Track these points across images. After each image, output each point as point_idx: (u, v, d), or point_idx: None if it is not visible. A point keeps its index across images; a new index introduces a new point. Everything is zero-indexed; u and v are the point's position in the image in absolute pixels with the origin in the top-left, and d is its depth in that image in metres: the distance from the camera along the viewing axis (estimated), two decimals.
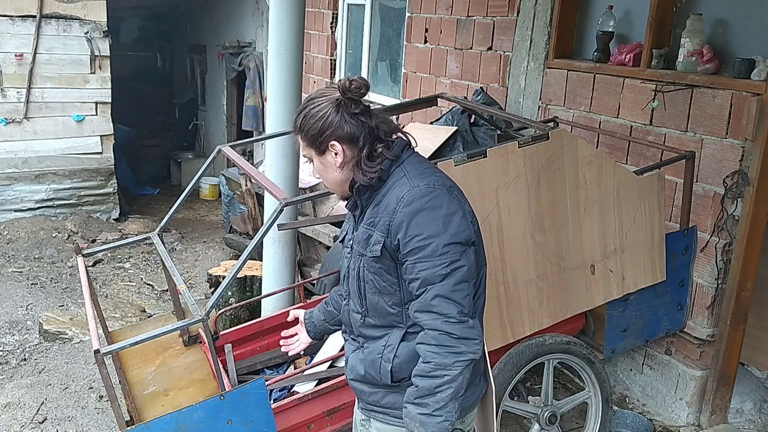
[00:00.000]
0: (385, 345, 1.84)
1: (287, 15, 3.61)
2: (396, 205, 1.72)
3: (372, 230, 1.77)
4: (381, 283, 1.80)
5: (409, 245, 1.70)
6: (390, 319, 1.83)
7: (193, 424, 2.22)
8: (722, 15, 3.35)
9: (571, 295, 2.86)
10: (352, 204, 1.87)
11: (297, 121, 1.81)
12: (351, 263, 1.89)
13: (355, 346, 1.96)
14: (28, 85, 6.76)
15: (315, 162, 1.84)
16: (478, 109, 4.08)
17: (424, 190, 1.71)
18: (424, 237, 1.68)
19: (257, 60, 8.17)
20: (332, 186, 1.87)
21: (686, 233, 3.27)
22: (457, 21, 4.94)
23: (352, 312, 1.92)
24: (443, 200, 1.72)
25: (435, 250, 1.68)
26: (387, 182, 1.78)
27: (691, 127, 3.36)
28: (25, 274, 5.75)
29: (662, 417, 3.62)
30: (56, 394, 3.86)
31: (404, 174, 1.77)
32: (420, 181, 1.73)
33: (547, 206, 2.70)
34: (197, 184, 3.50)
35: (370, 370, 1.87)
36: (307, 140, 1.80)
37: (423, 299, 1.70)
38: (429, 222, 1.69)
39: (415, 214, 1.69)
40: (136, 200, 8.44)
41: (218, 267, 5.04)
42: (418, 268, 1.69)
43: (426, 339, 1.71)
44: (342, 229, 2.03)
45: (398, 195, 1.73)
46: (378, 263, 1.77)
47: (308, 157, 1.85)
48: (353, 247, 1.87)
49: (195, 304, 2.28)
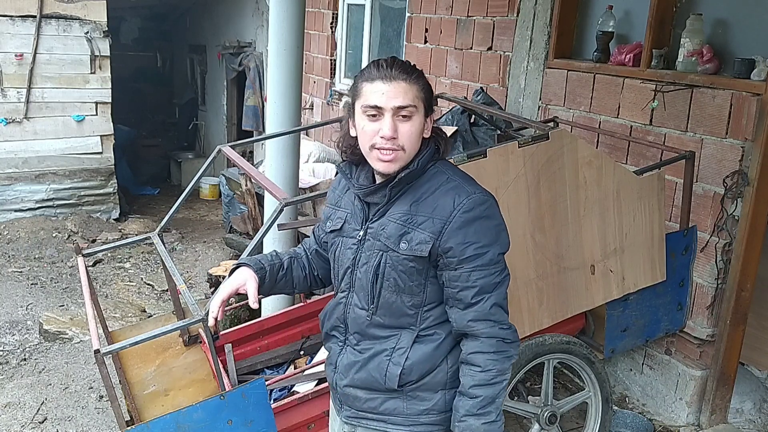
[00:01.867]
0: (394, 347, 1.78)
1: (287, 15, 3.61)
2: (453, 210, 1.68)
3: (411, 228, 1.70)
4: (407, 282, 1.74)
5: (466, 252, 1.67)
6: (403, 320, 1.77)
7: (193, 424, 2.22)
8: (722, 15, 3.35)
9: (571, 295, 2.86)
10: (372, 190, 1.75)
11: (414, 69, 1.70)
12: (361, 256, 1.78)
13: (341, 347, 1.87)
14: (28, 85, 6.76)
15: (415, 120, 1.68)
16: (478, 109, 4.08)
17: (481, 198, 1.70)
18: (481, 245, 1.68)
19: (257, 60, 8.17)
20: (410, 152, 1.69)
21: (686, 233, 3.27)
22: (457, 21, 4.94)
23: (352, 307, 1.82)
24: (495, 210, 1.73)
25: (492, 259, 1.69)
26: (424, 179, 1.73)
27: (691, 127, 3.36)
28: (25, 274, 5.75)
29: (662, 417, 3.62)
30: (56, 394, 3.86)
31: (448, 177, 1.73)
32: (475, 189, 1.72)
33: (547, 206, 2.70)
34: (197, 184, 3.50)
35: (373, 373, 1.79)
36: (426, 94, 1.71)
37: (481, 308, 1.69)
38: (485, 231, 1.69)
39: (474, 221, 1.68)
40: (136, 200, 8.44)
41: (218, 267, 5.04)
42: (475, 277, 1.68)
43: (483, 347, 1.70)
44: (330, 216, 1.90)
45: (455, 199, 1.68)
46: (413, 262, 1.71)
47: (409, 112, 1.66)
48: (366, 239, 1.77)
49: (195, 304, 2.28)
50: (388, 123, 1.65)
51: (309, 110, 7.25)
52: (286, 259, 1.99)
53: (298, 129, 3.68)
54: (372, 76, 1.68)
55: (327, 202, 1.95)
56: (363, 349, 1.82)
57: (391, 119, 1.65)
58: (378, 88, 1.66)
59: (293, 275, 1.99)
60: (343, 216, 1.85)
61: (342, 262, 1.84)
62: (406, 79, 1.67)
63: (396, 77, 1.66)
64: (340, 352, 1.87)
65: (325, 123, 4.00)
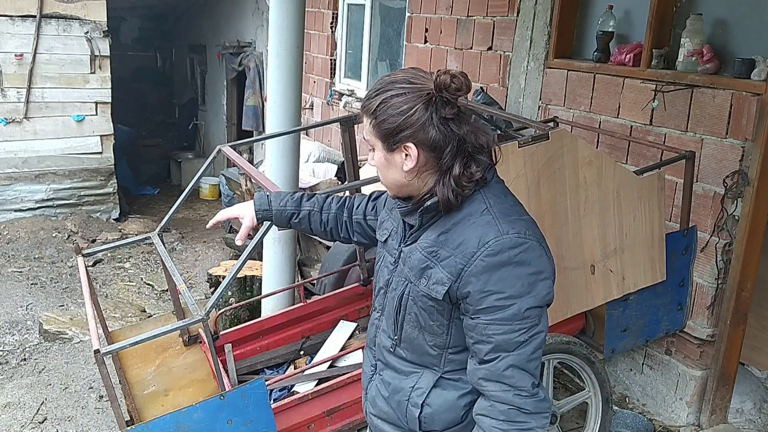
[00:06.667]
0: (413, 387, 1.61)
1: (287, 15, 3.60)
2: (477, 250, 1.44)
3: (433, 263, 1.50)
4: (428, 321, 1.55)
5: (484, 302, 1.43)
6: (425, 359, 1.59)
7: (193, 424, 2.22)
8: (722, 15, 3.35)
9: (571, 295, 2.86)
10: (407, 210, 1.57)
11: (371, 102, 1.49)
12: (393, 281, 1.62)
13: (372, 371, 1.74)
14: (28, 85, 6.77)
15: (377, 154, 1.53)
16: (478, 109, 4.07)
17: (514, 240, 1.43)
18: (505, 296, 1.42)
19: (257, 60, 8.17)
20: (388, 184, 1.57)
21: (686, 233, 3.27)
22: (457, 21, 4.94)
23: (381, 332, 1.69)
24: (533, 255, 1.45)
25: (516, 314, 1.42)
26: (463, 208, 1.50)
27: (691, 127, 3.36)
28: (25, 274, 5.75)
29: (662, 417, 3.62)
30: (56, 394, 3.86)
31: (487, 207, 1.48)
32: (510, 228, 1.45)
33: (547, 206, 2.70)
34: (197, 184, 3.50)
35: (396, 411, 1.64)
36: (378, 131, 1.49)
37: (494, 367, 1.45)
38: (513, 280, 1.42)
39: (499, 267, 1.42)
40: (136, 200, 8.44)
41: (218, 267, 5.04)
42: (492, 331, 1.44)
43: (492, 412, 1.47)
44: (383, 223, 1.73)
45: (482, 238, 1.44)
46: (432, 301, 1.52)
47: (371, 144, 1.53)
48: (399, 263, 1.60)
49: (195, 304, 2.27)
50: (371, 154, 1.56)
51: (309, 110, 7.25)
52: (306, 210, 1.90)
53: (298, 129, 3.67)
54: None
55: (386, 204, 1.79)
56: (386, 380, 1.68)
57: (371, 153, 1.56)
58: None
59: (311, 226, 1.92)
60: (390, 228, 1.69)
61: (379, 280, 1.70)
62: (366, 111, 1.51)
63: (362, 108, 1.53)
64: (371, 378, 1.75)
65: (325, 123, 3.99)
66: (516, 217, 1.49)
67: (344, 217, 1.90)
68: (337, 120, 3.36)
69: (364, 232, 1.90)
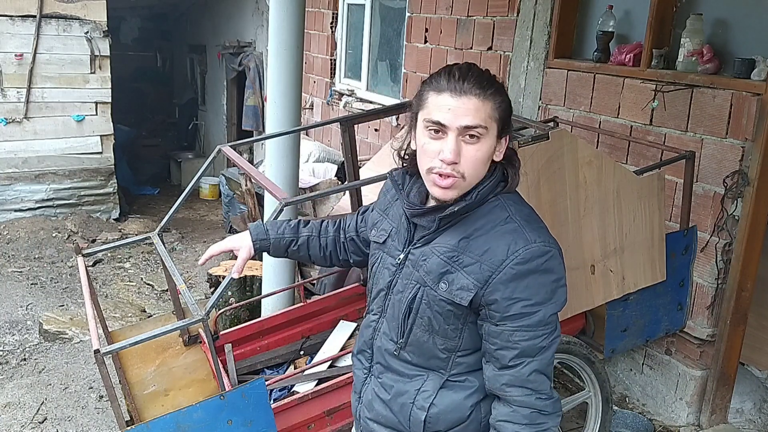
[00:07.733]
0: (418, 390, 1.60)
1: (287, 15, 3.60)
2: (506, 258, 1.45)
3: (455, 268, 1.50)
4: (442, 325, 1.54)
5: (512, 309, 1.46)
6: (433, 362, 1.59)
7: (193, 424, 2.22)
8: (722, 15, 3.35)
9: (571, 295, 2.83)
10: (420, 212, 1.55)
11: (492, 82, 1.45)
12: (398, 283, 1.60)
13: (365, 375, 1.71)
14: (28, 85, 6.77)
15: (486, 142, 1.45)
16: None
17: (541, 249, 1.47)
18: (532, 303, 1.46)
19: (257, 60, 8.17)
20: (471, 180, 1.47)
21: (686, 233, 3.27)
22: (457, 21, 4.94)
23: (381, 335, 1.66)
24: (555, 263, 1.50)
25: (541, 320, 1.47)
26: (481, 212, 1.50)
27: (691, 127, 3.36)
28: (25, 274, 5.75)
29: (662, 417, 3.62)
30: (56, 394, 3.86)
31: (510, 215, 1.50)
32: (537, 236, 1.48)
33: (548, 206, 2.70)
34: (197, 184, 3.50)
35: (398, 415, 1.63)
36: (500, 112, 1.46)
37: (518, 373, 1.48)
38: (539, 287, 1.47)
39: (527, 275, 1.46)
40: (136, 200, 8.44)
41: (218, 267, 5.03)
42: (518, 338, 1.46)
43: (514, 417, 1.49)
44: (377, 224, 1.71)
45: (511, 246, 1.46)
46: (451, 306, 1.51)
47: (477, 132, 1.43)
48: (405, 265, 1.58)
49: (195, 304, 2.27)
50: (451, 145, 1.43)
51: (309, 110, 7.25)
52: (304, 237, 1.89)
53: (298, 129, 3.67)
54: (440, 87, 1.44)
55: (376, 206, 1.77)
56: (386, 384, 1.66)
57: (455, 141, 1.43)
58: (445, 102, 1.42)
59: (309, 252, 1.90)
60: (388, 229, 1.66)
61: (377, 281, 1.67)
62: (480, 94, 1.42)
63: (467, 91, 1.42)
64: (364, 381, 1.73)
65: (325, 123, 3.99)
66: (537, 225, 1.52)
67: (341, 239, 1.92)
68: (337, 120, 3.36)
69: (357, 249, 1.91)
